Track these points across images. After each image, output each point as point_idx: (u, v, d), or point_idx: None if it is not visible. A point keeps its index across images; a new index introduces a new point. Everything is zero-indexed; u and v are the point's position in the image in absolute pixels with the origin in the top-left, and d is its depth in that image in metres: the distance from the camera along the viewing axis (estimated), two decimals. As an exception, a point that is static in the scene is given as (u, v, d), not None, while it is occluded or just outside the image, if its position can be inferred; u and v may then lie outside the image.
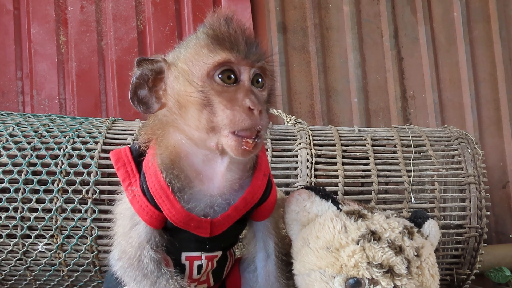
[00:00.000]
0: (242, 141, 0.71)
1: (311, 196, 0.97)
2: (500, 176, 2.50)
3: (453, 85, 2.55)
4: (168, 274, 0.82)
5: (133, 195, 0.82)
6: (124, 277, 0.84)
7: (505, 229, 2.44)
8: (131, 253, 0.82)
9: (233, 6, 2.35)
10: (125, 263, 0.83)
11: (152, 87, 0.79)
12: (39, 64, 2.21)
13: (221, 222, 0.84)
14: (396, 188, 1.57)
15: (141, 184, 0.82)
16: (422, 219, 0.98)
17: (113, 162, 0.84)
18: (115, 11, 2.27)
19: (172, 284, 0.81)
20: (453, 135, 1.70)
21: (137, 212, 0.81)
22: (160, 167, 0.80)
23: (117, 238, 0.86)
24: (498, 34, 2.58)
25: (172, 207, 0.80)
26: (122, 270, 0.84)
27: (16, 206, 1.40)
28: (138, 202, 0.81)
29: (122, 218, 0.85)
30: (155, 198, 0.80)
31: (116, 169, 0.84)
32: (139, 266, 0.81)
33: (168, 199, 0.79)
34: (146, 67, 0.78)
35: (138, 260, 0.81)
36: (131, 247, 0.82)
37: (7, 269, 1.46)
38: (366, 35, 2.52)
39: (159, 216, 0.81)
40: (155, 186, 0.80)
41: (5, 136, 1.49)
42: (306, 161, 1.54)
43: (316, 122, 2.40)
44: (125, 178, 0.83)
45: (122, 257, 0.83)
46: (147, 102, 0.79)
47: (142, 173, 0.82)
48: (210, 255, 0.90)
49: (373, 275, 0.83)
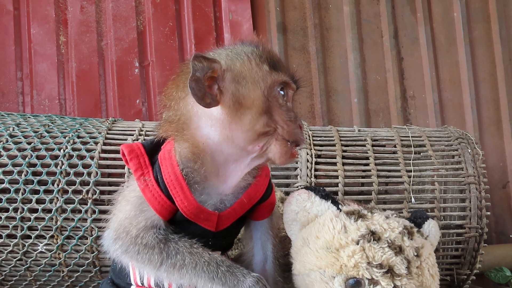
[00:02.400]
0: (291, 149, 0.83)
1: (311, 196, 0.97)
2: (500, 176, 2.50)
3: (453, 85, 2.55)
4: (176, 238, 0.84)
5: (146, 185, 0.84)
6: (125, 255, 0.84)
7: (505, 229, 2.44)
8: (135, 233, 0.83)
9: (233, 6, 2.35)
10: (126, 241, 0.83)
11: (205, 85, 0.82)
12: (39, 64, 2.21)
13: (227, 216, 0.88)
14: (396, 188, 1.57)
15: (155, 175, 0.85)
16: (422, 219, 0.98)
17: (126, 153, 0.87)
18: (115, 11, 2.27)
19: (182, 244, 0.83)
20: (453, 135, 1.70)
21: (149, 200, 0.84)
22: (178, 160, 0.84)
23: (116, 220, 0.86)
24: (498, 34, 2.58)
25: (185, 198, 0.83)
26: (121, 249, 0.84)
27: (16, 206, 1.40)
28: (151, 191, 0.84)
29: (128, 204, 0.86)
30: (169, 188, 0.83)
31: (128, 160, 0.87)
32: (142, 243, 0.83)
33: (182, 190, 0.83)
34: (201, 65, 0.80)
35: (142, 238, 0.83)
36: (135, 229, 0.83)
37: (7, 269, 1.46)
38: (366, 35, 2.52)
39: (169, 207, 0.84)
40: (171, 177, 0.83)
41: (5, 137, 1.49)
42: (306, 161, 1.54)
43: (316, 122, 2.40)
44: (138, 168, 0.86)
45: (121, 237, 0.84)
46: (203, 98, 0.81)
47: (157, 165, 0.86)
48: None
49: (373, 275, 0.83)
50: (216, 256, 0.84)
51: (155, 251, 0.82)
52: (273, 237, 0.98)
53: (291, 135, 0.83)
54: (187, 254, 0.82)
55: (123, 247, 0.84)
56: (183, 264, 0.81)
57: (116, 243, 0.85)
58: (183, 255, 0.82)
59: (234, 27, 2.34)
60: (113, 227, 0.86)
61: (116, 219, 0.87)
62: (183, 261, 0.81)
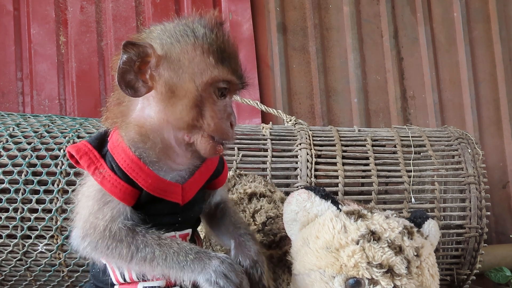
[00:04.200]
0: (216, 146, 0.84)
1: (311, 196, 0.97)
2: (500, 176, 2.50)
3: (453, 85, 2.55)
4: (143, 231, 0.84)
5: (103, 176, 0.84)
6: (95, 251, 0.84)
7: (505, 229, 2.44)
8: (102, 227, 0.82)
9: (233, 6, 2.35)
10: (95, 237, 0.83)
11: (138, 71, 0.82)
12: (39, 64, 2.21)
13: (190, 187, 0.90)
14: (396, 188, 1.57)
15: (109, 165, 0.85)
16: (421, 219, 0.98)
17: (73, 153, 0.86)
18: (115, 11, 2.27)
19: (149, 236, 0.83)
20: (453, 135, 1.70)
21: (109, 191, 0.83)
22: (128, 145, 0.84)
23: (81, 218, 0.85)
24: (498, 34, 2.58)
25: (147, 175, 0.84)
26: (91, 245, 0.83)
27: (16, 206, 1.40)
28: (109, 181, 0.84)
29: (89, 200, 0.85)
30: (127, 172, 0.83)
31: (78, 159, 0.86)
32: (110, 235, 0.82)
33: (141, 170, 0.84)
34: (132, 52, 0.80)
35: (109, 230, 0.82)
36: (102, 222, 0.83)
37: (7, 269, 1.46)
38: (366, 35, 2.52)
39: (132, 192, 0.84)
40: (126, 161, 0.84)
41: (5, 137, 1.49)
42: (306, 162, 1.54)
43: (316, 122, 2.40)
44: (90, 164, 0.86)
45: (89, 233, 0.83)
46: (134, 86, 0.81)
47: (108, 155, 0.86)
48: (182, 234, 0.93)
49: (373, 275, 0.83)
50: (185, 245, 0.84)
51: (124, 245, 0.82)
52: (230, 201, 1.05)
53: (218, 133, 0.83)
54: (156, 246, 0.82)
55: (92, 244, 0.83)
56: (153, 257, 0.81)
57: (85, 241, 0.84)
58: (152, 247, 0.82)
59: (234, 27, 2.34)
60: (79, 225, 0.85)
61: (80, 217, 0.85)
62: (153, 254, 0.82)
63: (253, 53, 2.34)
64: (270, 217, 1.19)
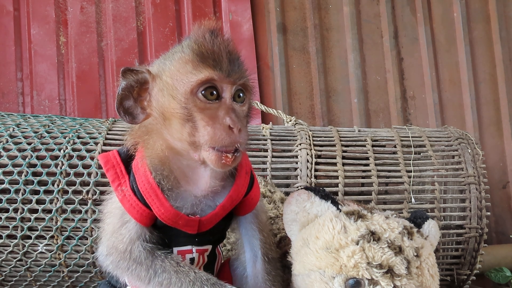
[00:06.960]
0: (222, 156, 0.76)
1: (311, 196, 0.97)
2: (500, 176, 2.50)
3: (453, 85, 2.55)
4: (162, 255, 0.85)
5: (123, 195, 0.84)
6: (117, 270, 0.86)
7: (505, 229, 2.43)
8: (122, 248, 0.84)
9: (233, 7, 2.35)
10: (116, 257, 0.85)
11: (137, 97, 0.81)
12: (39, 65, 2.21)
13: (208, 221, 0.88)
14: (396, 189, 1.57)
15: (131, 184, 0.85)
16: (421, 219, 0.98)
17: (102, 164, 0.87)
18: (115, 12, 2.27)
19: (168, 262, 0.84)
20: (453, 136, 1.70)
21: (128, 210, 0.84)
22: (149, 168, 0.83)
23: (106, 235, 0.87)
24: (498, 34, 2.58)
25: (162, 205, 0.83)
26: (113, 264, 0.86)
27: (16, 207, 1.40)
28: (129, 201, 0.84)
29: (111, 216, 0.87)
30: (145, 197, 0.83)
31: (105, 171, 0.87)
32: (131, 257, 0.84)
33: (157, 198, 0.83)
34: (131, 78, 0.80)
35: (130, 252, 0.84)
36: (122, 243, 0.84)
37: (7, 270, 1.46)
38: (366, 36, 2.52)
39: (149, 214, 0.84)
40: (145, 185, 0.83)
41: (5, 137, 1.49)
42: (306, 162, 1.54)
43: (316, 122, 2.40)
44: (115, 179, 0.86)
45: (112, 253, 0.85)
46: (133, 113, 0.81)
47: (132, 174, 0.85)
48: (200, 249, 0.92)
49: (372, 276, 0.83)
50: (202, 275, 0.84)
51: (143, 267, 0.83)
52: (259, 232, 0.96)
53: (215, 142, 0.75)
54: (173, 273, 0.83)
55: (114, 263, 0.85)
56: (169, 283, 0.82)
57: (108, 259, 0.86)
58: (170, 273, 0.83)
59: (234, 27, 2.34)
60: (104, 243, 0.87)
61: (105, 234, 0.87)
62: (170, 280, 0.83)
63: (253, 54, 2.34)
64: (270, 217, 1.19)
